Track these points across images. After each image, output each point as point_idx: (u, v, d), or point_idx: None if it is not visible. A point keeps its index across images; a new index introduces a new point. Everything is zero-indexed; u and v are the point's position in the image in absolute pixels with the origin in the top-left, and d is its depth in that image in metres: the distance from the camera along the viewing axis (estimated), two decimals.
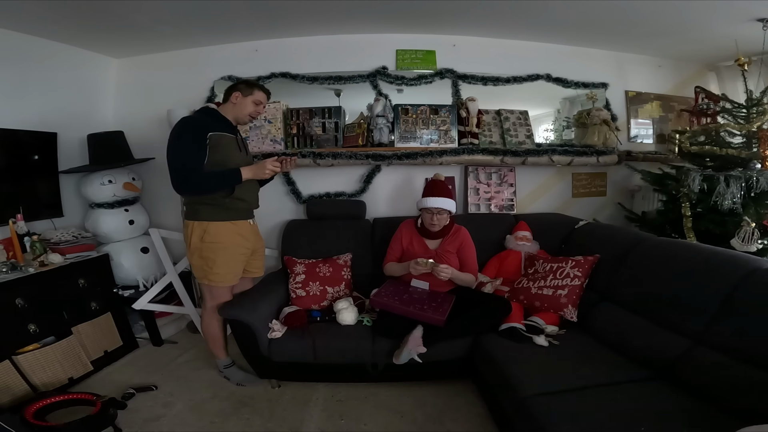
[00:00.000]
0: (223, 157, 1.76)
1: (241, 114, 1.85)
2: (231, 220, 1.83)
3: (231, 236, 1.82)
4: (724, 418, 1.13)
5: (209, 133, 1.73)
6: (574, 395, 1.29)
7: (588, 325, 1.80)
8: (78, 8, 2.02)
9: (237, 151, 1.85)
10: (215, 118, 1.82)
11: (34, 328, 1.89)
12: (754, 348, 1.21)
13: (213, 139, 1.74)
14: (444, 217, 2.02)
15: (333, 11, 2.28)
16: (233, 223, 1.83)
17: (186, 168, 1.69)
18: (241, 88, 1.83)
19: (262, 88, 1.87)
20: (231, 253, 1.84)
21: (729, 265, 1.40)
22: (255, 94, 1.83)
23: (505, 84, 2.71)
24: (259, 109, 1.88)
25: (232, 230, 1.83)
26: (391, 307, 1.85)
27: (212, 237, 1.78)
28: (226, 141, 1.79)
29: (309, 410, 1.79)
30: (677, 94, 3.03)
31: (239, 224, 1.86)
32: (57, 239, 2.18)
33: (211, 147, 1.73)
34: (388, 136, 2.53)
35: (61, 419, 1.60)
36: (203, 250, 1.79)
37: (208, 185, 1.74)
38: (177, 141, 1.71)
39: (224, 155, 1.77)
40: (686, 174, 2.14)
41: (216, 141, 1.74)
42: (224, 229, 1.80)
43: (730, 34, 2.39)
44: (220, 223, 1.80)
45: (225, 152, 1.77)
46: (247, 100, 1.82)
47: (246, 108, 1.84)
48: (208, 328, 1.97)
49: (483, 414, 1.73)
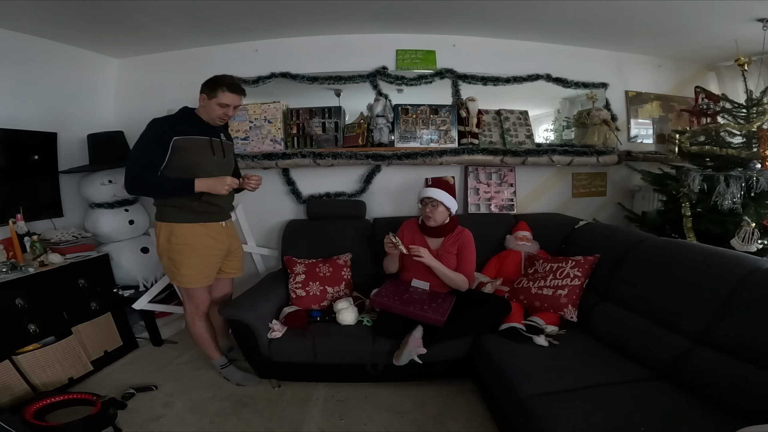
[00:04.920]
0: (191, 162, 1.72)
1: (209, 117, 1.77)
2: (200, 222, 1.80)
3: (200, 238, 1.80)
4: (724, 418, 1.13)
5: (174, 138, 1.68)
6: (574, 395, 1.29)
7: (588, 325, 1.80)
8: (78, 8, 2.02)
9: (210, 155, 1.79)
10: (189, 120, 1.77)
11: (34, 328, 1.89)
12: (753, 348, 1.21)
13: (178, 143, 1.69)
14: (440, 211, 2.00)
15: (333, 11, 2.28)
16: (203, 225, 1.81)
17: (134, 170, 1.68)
18: (206, 90, 1.72)
19: (230, 88, 1.71)
20: (200, 254, 1.81)
21: (729, 265, 1.40)
22: (219, 96, 1.70)
23: (505, 84, 2.71)
24: (228, 111, 1.76)
25: (202, 232, 1.80)
26: (391, 307, 1.85)
27: (179, 238, 1.77)
28: (196, 145, 1.74)
29: (309, 410, 1.79)
30: (677, 94, 3.03)
31: (210, 226, 1.83)
32: (57, 239, 2.18)
33: (176, 151, 1.69)
34: (388, 136, 2.53)
35: (61, 419, 1.60)
36: (171, 251, 1.79)
37: (155, 191, 1.76)
38: (139, 141, 1.71)
39: (193, 159, 1.73)
40: (686, 174, 2.14)
41: (182, 145, 1.70)
42: (192, 231, 1.78)
43: (730, 34, 2.39)
44: (188, 225, 1.77)
45: (194, 156, 1.73)
46: (211, 104, 1.72)
47: (212, 111, 1.74)
48: (192, 330, 1.98)
49: (483, 414, 1.73)
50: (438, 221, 2.02)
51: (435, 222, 2.01)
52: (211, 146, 1.80)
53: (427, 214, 2.00)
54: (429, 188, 2.05)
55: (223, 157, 1.86)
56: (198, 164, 1.74)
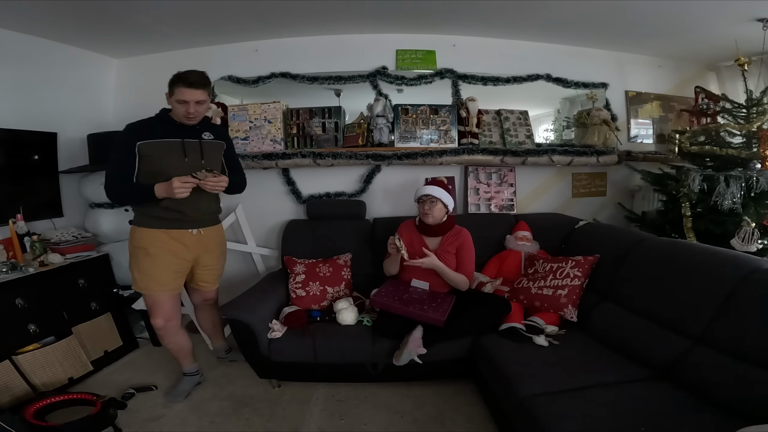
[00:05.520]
0: (156, 167, 1.64)
1: (177, 116, 1.67)
2: (162, 228, 1.71)
3: (157, 243, 1.70)
4: (724, 418, 1.13)
5: (137, 143, 1.62)
6: (574, 395, 1.29)
7: (588, 325, 1.80)
8: (78, 8, 2.02)
9: (178, 158, 1.67)
10: (161, 122, 1.69)
11: (34, 328, 1.89)
12: (754, 348, 1.21)
13: (142, 148, 1.63)
14: (438, 208, 2.01)
15: (333, 11, 2.28)
16: (164, 231, 1.71)
17: (106, 180, 1.65)
18: (168, 88, 1.62)
19: (186, 83, 1.57)
20: (157, 261, 1.71)
21: (729, 265, 1.40)
22: (176, 93, 1.59)
23: (505, 84, 2.71)
24: (189, 108, 1.62)
25: (163, 238, 1.71)
26: (391, 307, 1.85)
27: (136, 241, 1.73)
28: (162, 148, 1.65)
29: (309, 410, 1.79)
30: (677, 94, 3.03)
31: (173, 233, 1.73)
32: (57, 239, 2.19)
33: (142, 157, 1.64)
34: (388, 136, 2.53)
35: (61, 419, 1.60)
36: (131, 254, 1.77)
37: (126, 200, 1.76)
38: (112, 148, 1.67)
39: (158, 165, 1.64)
40: (686, 174, 2.14)
41: (146, 150, 1.63)
42: (150, 236, 1.70)
43: (730, 34, 2.39)
44: (147, 230, 1.71)
45: (159, 161, 1.65)
46: (171, 101, 1.63)
47: (175, 109, 1.65)
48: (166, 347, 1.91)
49: (483, 414, 1.73)
50: (436, 219, 2.02)
51: (433, 219, 2.01)
52: (183, 148, 1.69)
53: (425, 212, 2.00)
54: (426, 186, 2.07)
55: (200, 159, 1.72)
56: (163, 170, 1.63)
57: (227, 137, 1.97)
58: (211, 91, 1.70)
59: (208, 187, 1.66)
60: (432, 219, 2.01)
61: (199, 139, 1.75)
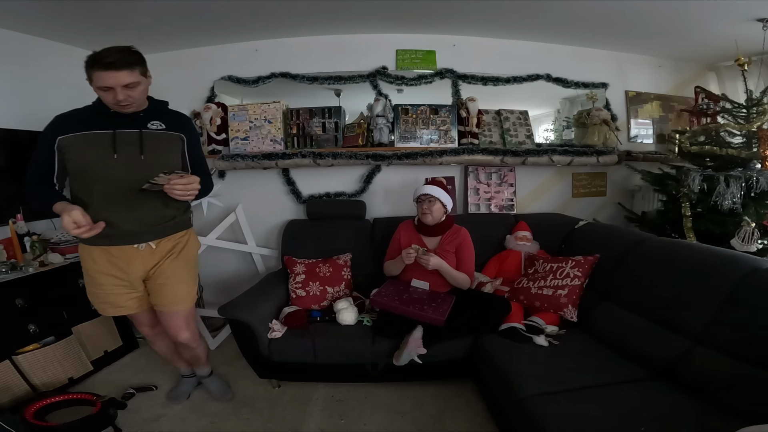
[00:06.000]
0: (79, 166, 1.34)
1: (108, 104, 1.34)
2: (101, 245, 1.40)
3: (97, 266, 1.44)
4: (724, 418, 1.13)
5: (58, 137, 1.32)
6: (574, 395, 1.29)
7: (588, 325, 1.80)
8: (78, 8, 2.02)
9: (105, 155, 1.33)
10: (92, 112, 1.38)
11: (34, 328, 1.89)
12: (754, 348, 1.21)
13: (62, 143, 1.33)
14: (437, 208, 2.01)
15: (333, 11, 2.28)
16: (102, 249, 1.41)
17: (25, 179, 1.36)
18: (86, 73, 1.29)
19: (102, 65, 1.23)
20: (92, 279, 1.47)
21: (729, 265, 1.40)
22: (94, 79, 1.27)
23: (505, 84, 2.71)
24: (117, 95, 1.28)
25: (101, 258, 1.43)
26: (391, 307, 1.85)
27: (81, 259, 1.49)
28: (86, 143, 1.33)
29: (309, 410, 1.79)
30: (677, 94, 3.03)
31: (111, 250, 1.41)
32: (57, 239, 2.18)
33: (63, 153, 1.34)
34: (388, 136, 2.53)
35: (61, 419, 1.61)
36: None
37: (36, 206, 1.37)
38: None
39: (81, 163, 1.34)
40: (686, 174, 2.14)
41: (67, 145, 1.33)
42: (88, 254, 1.44)
43: (730, 34, 2.39)
44: (85, 247, 1.44)
45: (82, 159, 1.33)
46: (94, 88, 1.31)
47: (102, 98, 1.33)
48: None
49: (483, 414, 1.73)
50: (435, 218, 2.02)
51: (432, 219, 2.02)
52: (112, 142, 1.33)
53: (424, 211, 2.01)
54: (425, 185, 2.08)
55: (139, 155, 1.36)
56: (88, 169, 1.34)
57: (189, 129, 1.55)
58: (145, 67, 1.31)
59: (177, 193, 1.30)
60: (431, 218, 2.01)
61: (139, 129, 1.38)
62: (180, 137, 1.49)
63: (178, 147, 1.50)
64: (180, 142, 1.50)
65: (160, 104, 1.50)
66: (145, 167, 1.35)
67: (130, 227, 1.40)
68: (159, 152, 1.42)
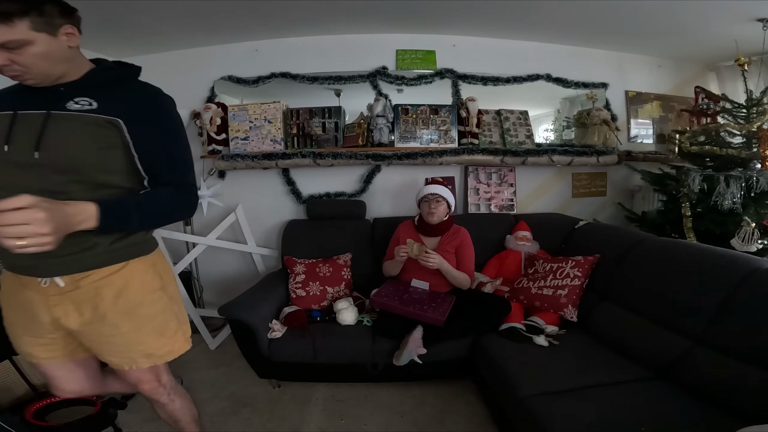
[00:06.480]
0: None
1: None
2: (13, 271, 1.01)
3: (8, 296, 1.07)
4: (724, 418, 1.13)
5: None
6: (574, 395, 1.29)
7: (588, 325, 1.80)
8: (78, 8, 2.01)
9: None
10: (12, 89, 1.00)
11: None
12: (754, 348, 1.21)
13: None
14: (442, 207, 2.02)
15: (333, 11, 2.28)
16: (17, 276, 1.00)
17: None
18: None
19: None
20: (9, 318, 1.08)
21: (729, 265, 1.40)
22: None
23: (505, 84, 2.71)
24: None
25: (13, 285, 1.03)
26: (391, 307, 1.85)
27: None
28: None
29: (309, 410, 1.79)
30: (677, 94, 3.03)
31: (27, 281, 0.99)
32: None
33: None
34: (388, 136, 2.53)
35: (61, 419, 1.60)
36: None
37: None
38: None
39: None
40: (686, 174, 2.14)
41: None
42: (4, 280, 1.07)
43: (730, 34, 2.39)
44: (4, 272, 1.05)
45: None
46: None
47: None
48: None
49: (483, 414, 1.73)
50: (440, 218, 2.03)
51: (438, 218, 2.02)
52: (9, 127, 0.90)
53: (431, 211, 2.01)
54: (430, 185, 2.07)
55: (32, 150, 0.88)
56: None
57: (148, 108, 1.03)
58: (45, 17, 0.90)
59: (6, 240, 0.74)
60: (437, 218, 2.02)
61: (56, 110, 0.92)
62: (114, 122, 0.93)
63: (110, 139, 0.94)
64: (114, 129, 0.94)
65: (108, 72, 1.06)
66: (38, 170, 0.89)
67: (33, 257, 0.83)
68: (70, 144, 0.91)
